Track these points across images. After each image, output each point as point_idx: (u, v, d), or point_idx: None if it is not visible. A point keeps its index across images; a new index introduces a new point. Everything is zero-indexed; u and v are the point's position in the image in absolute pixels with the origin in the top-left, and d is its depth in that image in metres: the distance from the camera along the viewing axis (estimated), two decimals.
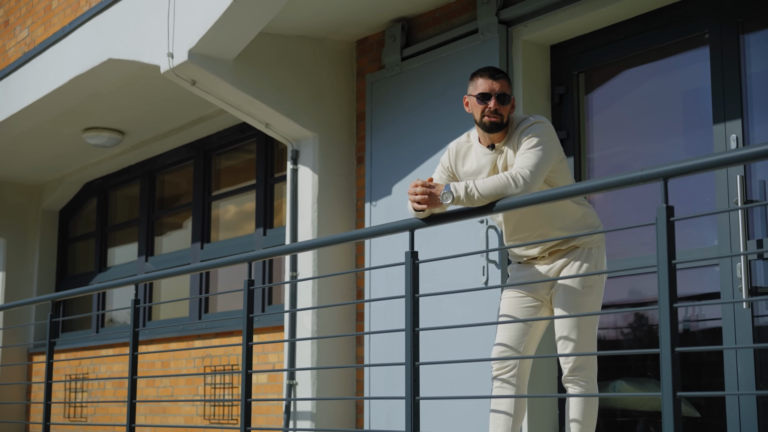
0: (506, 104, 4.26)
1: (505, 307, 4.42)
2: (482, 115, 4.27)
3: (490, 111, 4.24)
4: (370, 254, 6.80)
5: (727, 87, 5.26)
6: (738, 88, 5.23)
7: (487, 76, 4.28)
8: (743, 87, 5.22)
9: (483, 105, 4.25)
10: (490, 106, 4.24)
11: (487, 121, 4.26)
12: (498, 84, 4.26)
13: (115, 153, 9.95)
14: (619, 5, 5.68)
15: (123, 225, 10.41)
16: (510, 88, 4.31)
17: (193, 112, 8.65)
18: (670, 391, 3.37)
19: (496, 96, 4.24)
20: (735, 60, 5.26)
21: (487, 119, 4.26)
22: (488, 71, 4.31)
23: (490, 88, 4.26)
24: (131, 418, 6.09)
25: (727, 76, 5.27)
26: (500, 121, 4.25)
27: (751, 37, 5.27)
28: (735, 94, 5.23)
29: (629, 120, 5.97)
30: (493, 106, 4.24)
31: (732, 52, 5.27)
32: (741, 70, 5.24)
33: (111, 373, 9.68)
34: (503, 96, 4.25)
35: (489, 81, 4.27)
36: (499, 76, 4.29)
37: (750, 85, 5.23)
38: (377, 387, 6.63)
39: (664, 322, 3.42)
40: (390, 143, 6.79)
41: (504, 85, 4.28)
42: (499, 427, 4.31)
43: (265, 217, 8.27)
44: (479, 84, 4.29)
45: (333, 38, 7.20)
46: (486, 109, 4.25)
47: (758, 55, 5.24)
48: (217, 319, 7.55)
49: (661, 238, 3.42)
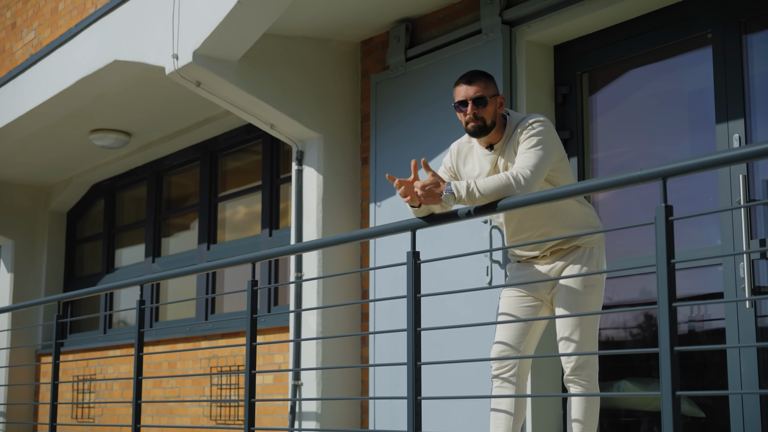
0: (484, 106, 4.25)
1: (504, 306, 4.42)
2: (465, 123, 4.30)
3: (471, 117, 4.26)
4: (374, 254, 6.81)
5: (730, 87, 5.26)
6: (741, 88, 5.22)
7: (463, 82, 4.30)
8: (746, 87, 5.22)
9: (462, 113, 4.29)
10: (467, 112, 4.26)
11: (470, 127, 4.29)
12: (473, 88, 4.27)
13: (122, 154, 9.98)
14: (621, 5, 5.68)
15: (130, 226, 10.44)
16: (489, 88, 4.28)
17: (199, 114, 8.68)
18: (669, 391, 3.37)
19: (472, 101, 4.25)
20: (738, 60, 5.25)
21: (470, 125, 4.29)
22: (465, 77, 4.32)
23: (465, 95, 4.27)
24: (137, 418, 6.12)
25: (730, 76, 5.27)
26: (482, 125, 4.26)
27: (754, 37, 5.27)
28: (738, 94, 5.22)
29: (633, 120, 5.97)
30: (470, 112, 4.26)
31: (735, 52, 5.27)
32: (744, 70, 5.24)
33: (118, 374, 9.71)
34: (479, 99, 4.25)
35: (464, 87, 4.28)
36: (474, 80, 4.28)
37: (753, 85, 5.22)
38: (382, 387, 6.64)
39: (663, 322, 3.42)
40: (394, 144, 6.80)
41: (480, 88, 4.27)
42: (500, 426, 4.31)
43: (271, 218, 8.29)
44: (456, 92, 4.31)
45: (337, 39, 7.22)
46: (466, 116, 4.28)
47: (761, 55, 5.24)
48: (223, 320, 7.57)
49: (660, 237, 3.43)
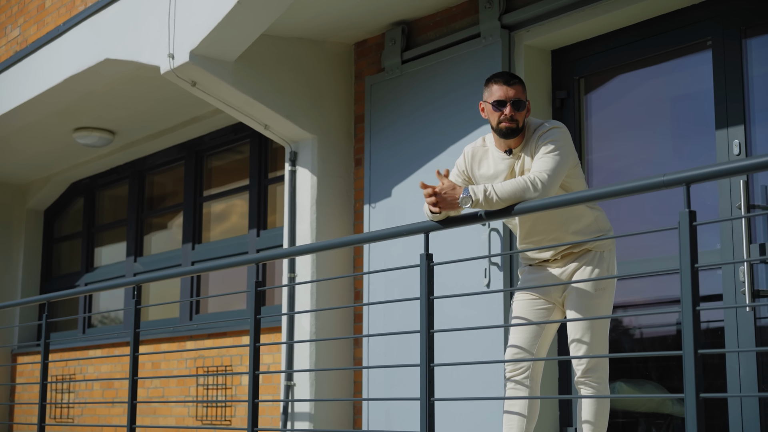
0: (522, 110, 4.31)
1: (518, 309, 4.47)
2: (498, 122, 4.31)
3: (506, 117, 4.29)
4: (369, 256, 6.84)
5: (729, 92, 5.35)
6: (740, 93, 5.31)
7: (502, 83, 4.32)
8: (746, 93, 5.31)
9: (498, 112, 4.30)
10: (506, 113, 4.28)
11: (504, 128, 4.31)
12: (513, 90, 4.31)
13: (103, 153, 9.92)
14: (621, 12, 5.76)
15: (110, 225, 10.38)
16: (525, 92, 4.36)
17: (186, 113, 8.66)
18: (693, 394, 3.43)
19: (511, 103, 4.29)
20: (738, 66, 5.34)
21: (503, 125, 4.30)
22: (503, 77, 4.35)
23: (505, 95, 4.30)
24: (132, 418, 6.10)
25: (730, 82, 5.35)
26: (516, 127, 4.31)
27: (754, 43, 5.36)
28: (738, 100, 5.31)
29: (631, 124, 6.05)
30: (509, 113, 4.28)
31: (735, 58, 5.36)
32: (744, 76, 5.32)
33: (99, 374, 9.65)
34: (518, 102, 4.30)
35: (504, 87, 4.31)
36: (513, 82, 4.33)
37: (752, 91, 5.31)
38: (376, 388, 6.67)
39: (687, 324, 3.48)
40: (389, 145, 6.84)
41: (519, 91, 4.32)
42: (513, 428, 4.36)
43: (259, 218, 8.29)
44: (494, 91, 4.33)
45: (332, 40, 7.24)
46: (502, 116, 4.30)
47: (761, 61, 5.33)
48: (216, 321, 7.56)
49: (684, 242, 3.49)
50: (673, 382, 5.69)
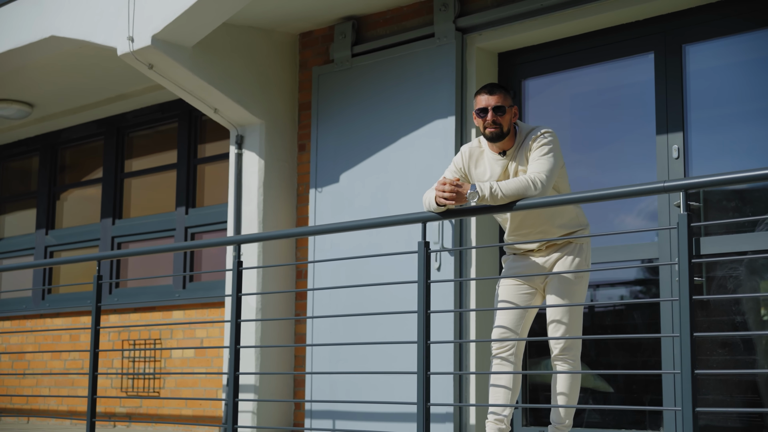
0: (503, 114, 4.84)
1: (504, 294, 4.99)
2: (484, 127, 4.87)
3: (489, 123, 4.85)
4: (314, 240, 7.20)
5: (670, 101, 5.98)
6: (680, 102, 5.96)
7: (484, 92, 4.91)
8: (684, 101, 5.97)
9: (482, 119, 4.86)
10: (488, 118, 4.84)
11: (488, 132, 4.87)
12: (494, 98, 4.87)
13: (14, 125, 9.88)
14: (570, 23, 6.31)
15: (19, 196, 10.34)
16: (507, 99, 4.89)
17: (112, 90, 8.78)
18: (689, 371, 4.03)
19: (492, 109, 4.85)
20: (678, 77, 5.97)
21: (488, 131, 4.87)
22: (486, 88, 4.93)
23: (486, 103, 4.87)
24: (93, 390, 6.34)
25: (671, 92, 5.98)
26: (500, 131, 4.85)
27: (693, 56, 5.99)
28: (677, 109, 5.96)
29: (569, 126, 6.63)
30: (491, 119, 4.84)
31: (675, 70, 5.99)
32: (683, 87, 5.97)
33: (7, 346, 9.67)
34: (499, 108, 4.85)
35: (486, 96, 4.89)
36: (495, 90, 4.90)
37: (690, 100, 5.97)
38: (320, 361, 7.06)
39: (684, 312, 4.08)
40: (337, 133, 7.21)
41: (500, 98, 4.87)
42: (499, 399, 4.88)
43: (188, 196, 8.52)
44: (479, 101, 4.91)
45: (280, 30, 7.55)
46: (485, 122, 4.85)
47: (699, 73, 5.98)
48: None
49: (683, 241, 4.08)
50: (616, 357, 6.31)
